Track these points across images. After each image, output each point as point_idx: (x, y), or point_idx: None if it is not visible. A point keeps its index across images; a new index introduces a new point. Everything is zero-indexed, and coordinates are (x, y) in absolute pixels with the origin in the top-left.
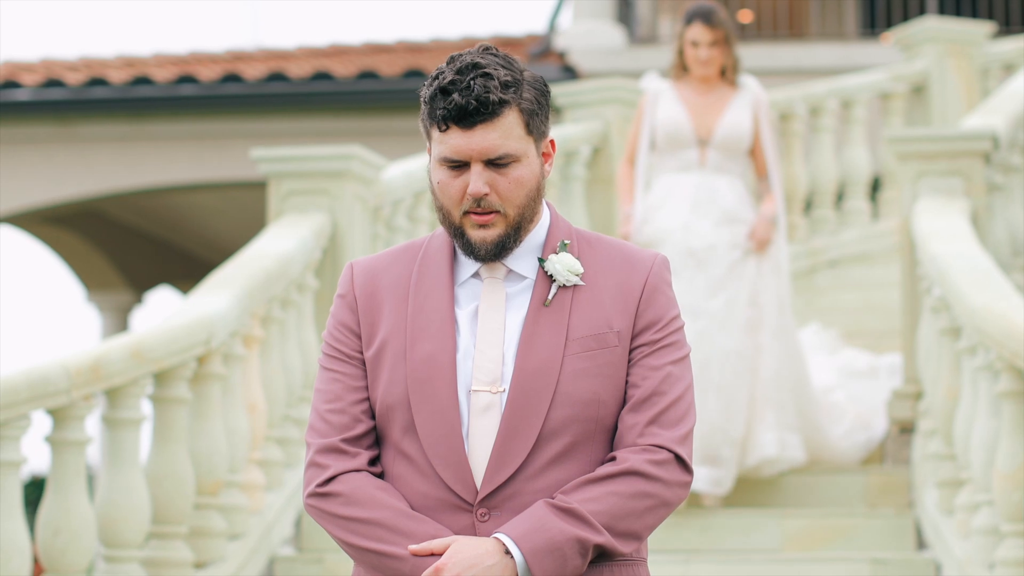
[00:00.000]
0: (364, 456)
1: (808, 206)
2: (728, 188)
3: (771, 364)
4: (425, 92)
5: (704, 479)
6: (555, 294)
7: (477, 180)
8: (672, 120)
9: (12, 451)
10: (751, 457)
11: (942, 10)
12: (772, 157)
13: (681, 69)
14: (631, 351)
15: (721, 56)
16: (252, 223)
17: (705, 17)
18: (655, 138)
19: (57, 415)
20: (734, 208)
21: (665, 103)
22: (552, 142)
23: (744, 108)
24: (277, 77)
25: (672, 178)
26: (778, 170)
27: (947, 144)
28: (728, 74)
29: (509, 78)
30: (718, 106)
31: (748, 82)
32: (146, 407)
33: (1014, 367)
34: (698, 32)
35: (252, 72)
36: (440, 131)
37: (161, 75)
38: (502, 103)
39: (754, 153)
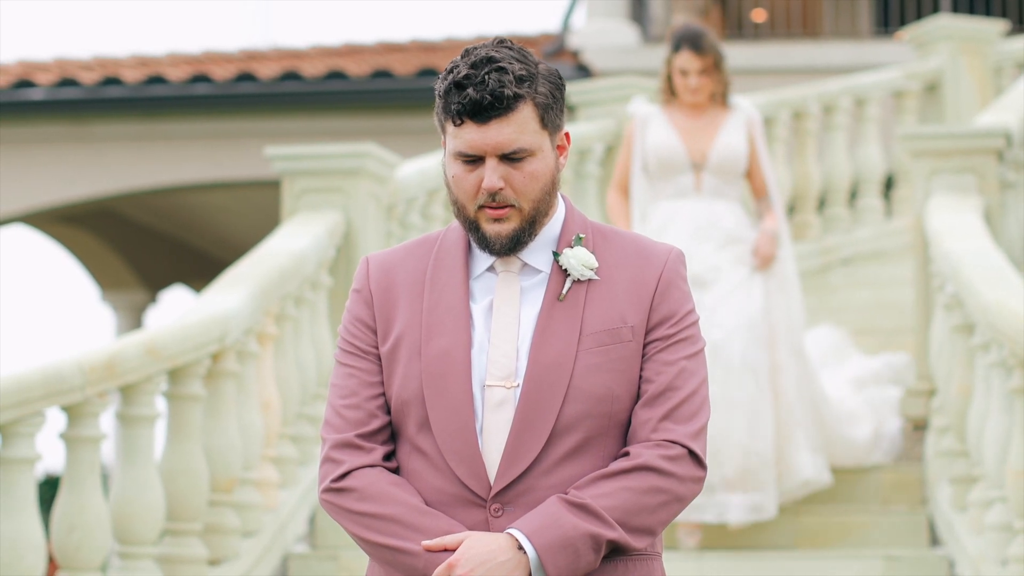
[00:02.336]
0: (379, 451)
1: (822, 204)
2: (727, 211)
3: (792, 383)
4: (440, 86)
5: (739, 507)
6: (569, 288)
7: (492, 175)
8: (664, 145)
9: (27, 448)
10: (788, 481)
11: (956, 8)
12: (770, 176)
13: (669, 93)
14: (645, 346)
15: (711, 83)
16: (266, 222)
17: (693, 43)
18: (647, 164)
19: (72, 412)
20: (735, 229)
21: (655, 128)
22: (567, 135)
23: (738, 130)
24: (291, 76)
25: (670, 205)
26: (777, 188)
27: (960, 142)
28: (719, 97)
29: (524, 72)
30: (711, 129)
31: (740, 103)
32: (160, 404)
33: None
34: (686, 60)
35: (266, 71)
36: (455, 125)
37: (175, 74)
38: (517, 98)
39: (751, 175)
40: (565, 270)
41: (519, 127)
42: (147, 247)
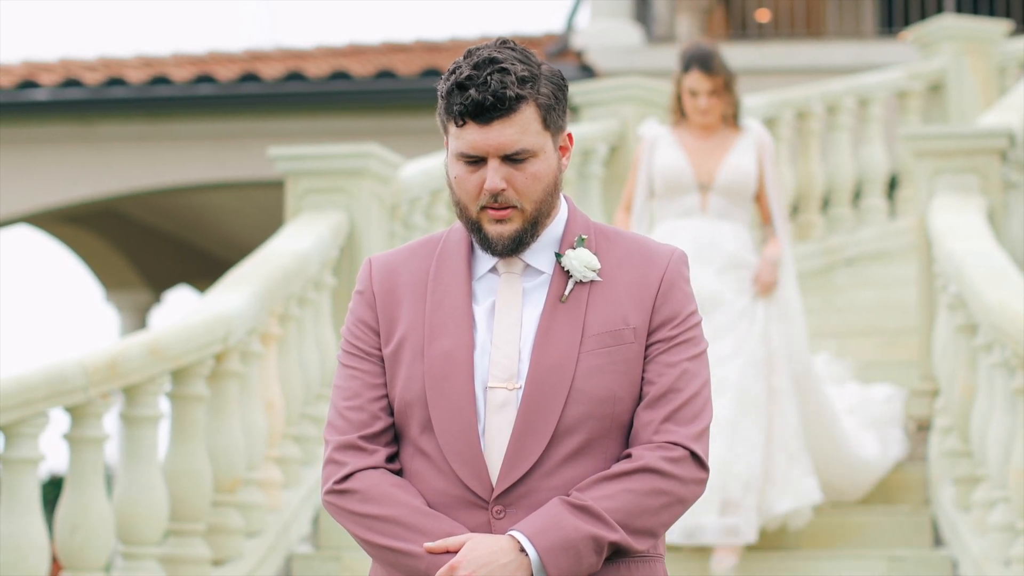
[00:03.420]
0: (382, 453)
1: (825, 204)
2: (731, 234)
3: (793, 408)
4: (442, 87)
5: (714, 529)
6: (572, 290)
7: (494, 176)
8: (671, 165)
9: (30, 448)
10: (786, 502)
11: (959, 8)
12: (776, 202)
13: (679, 115)
14: (647, 347)
15: (721, 104)
16: (270, 222)
17: (703, 64)
18: (653, 185)
19: (75, 413)
20: (737, 253)
21: (663, 148)
22: (570, 136)
23: (748, 151)
24: (295, 76)
25: (673, 224)
26: (783, 215)
27: (963, 142)
28: (729, 119)
29: (526, 73)
30: (720, 150)
31: (752, 125)
32: (164, 405)
33: None
34: (696, 80)
35: (270, 72)
36: (457, 126)
37: (179, 75)
38: (519, 99)
39: (759, 199)
40: (567, 271)
41: (521, 128)
42: (151, 247)
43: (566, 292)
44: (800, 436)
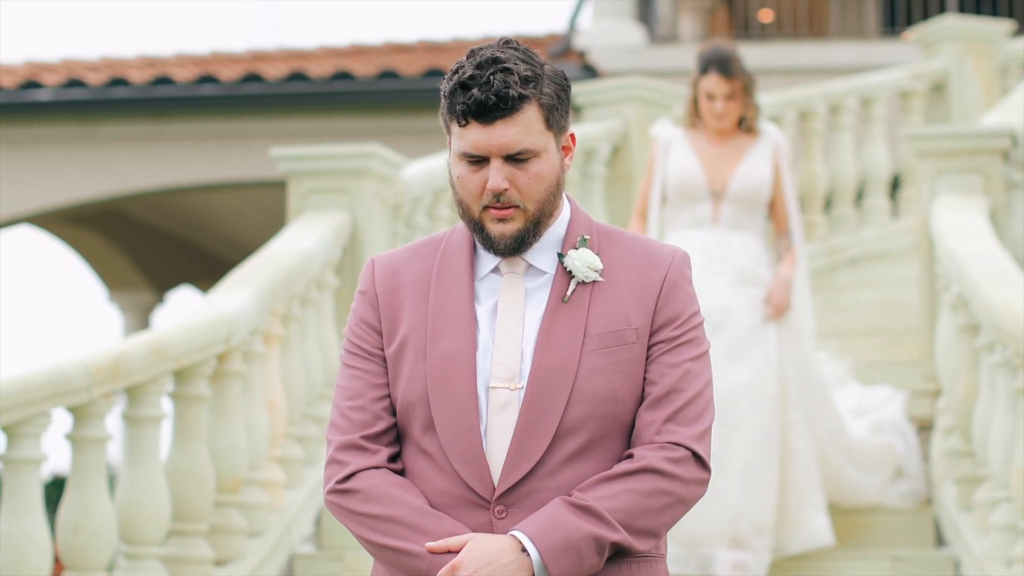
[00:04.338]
0: (384, 453)
1: (828, 204)
2: (742, 246)
3: (805, 443)
4: (445, 86)
5: (725, 562)
6: (574, 290)
7: (496, 175)
8: (684, 171)
9: (32, 448)
10: (799, 543)
11: (962, 8)
12: (794, 211)
13: (695, 117)
14: (649, 347)
15: (739, 108)
16: (272, 222)
17: (721, 67)
18: (666, 191)
19: (77, 413)
20: (749, 267)
21: (677, 153)
22: (572, 136)
23: (763, 157)
24: (297, 77)
25: (683, 235)
26: (799, 226)
27: (966, 142)
28: (747, 123)
29: (529, 73)
30: (735, 156)
31: (768, 129)
32: (166, 405)
33: None
34: (714, 83)
35: (273, 72)
36: (460, 126)
37: (182, 75)
38: (522, 98)
39: (773, 207)
40: (570, 272)
41: (524, 128)
42: (154, 247)
43: (568, 292)
44: (812, 470)
